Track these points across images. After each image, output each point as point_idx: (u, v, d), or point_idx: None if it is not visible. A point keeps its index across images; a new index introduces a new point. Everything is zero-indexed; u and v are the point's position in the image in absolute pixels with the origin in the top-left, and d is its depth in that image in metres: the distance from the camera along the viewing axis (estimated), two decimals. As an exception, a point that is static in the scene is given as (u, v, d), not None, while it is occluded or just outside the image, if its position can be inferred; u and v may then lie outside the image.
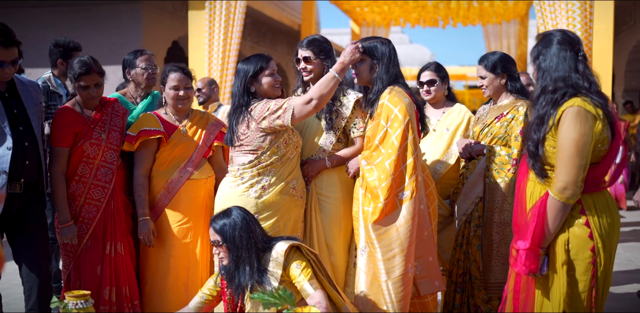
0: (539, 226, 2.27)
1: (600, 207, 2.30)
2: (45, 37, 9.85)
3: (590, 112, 2.22)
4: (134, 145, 3.22)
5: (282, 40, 14.73)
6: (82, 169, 3.17)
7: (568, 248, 2.27)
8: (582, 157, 2.20)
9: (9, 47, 2.85)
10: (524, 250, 2.28)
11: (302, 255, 2.71)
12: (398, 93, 2.95)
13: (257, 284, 2.65)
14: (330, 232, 3.13)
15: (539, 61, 2.37)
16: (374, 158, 2.94)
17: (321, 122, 3.19)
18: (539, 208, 2.28)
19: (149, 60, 3.50)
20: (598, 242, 2.25)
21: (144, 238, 3.19)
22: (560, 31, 2.39)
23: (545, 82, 2.32)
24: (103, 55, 9.72)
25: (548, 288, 2.31)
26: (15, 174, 2.93)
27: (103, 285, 3.17)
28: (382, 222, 2.88)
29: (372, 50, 3.01)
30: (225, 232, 2.68)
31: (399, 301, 2.86)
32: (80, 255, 3.18)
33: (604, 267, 2.27)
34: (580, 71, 2.30)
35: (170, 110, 3.33)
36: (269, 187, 2.99)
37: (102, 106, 3.28)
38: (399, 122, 2.90)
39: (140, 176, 3.24)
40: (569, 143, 2.21)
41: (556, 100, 2.27)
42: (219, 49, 8.13)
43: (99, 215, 3.18)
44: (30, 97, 3.08)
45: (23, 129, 2.98)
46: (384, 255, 2.87)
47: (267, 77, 3.03)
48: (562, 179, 2.22)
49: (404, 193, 2.89)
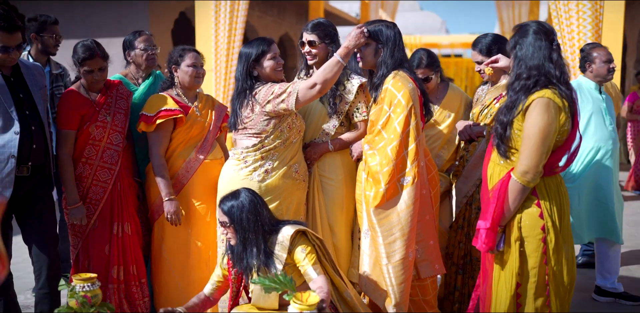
0: (499, 207, 2.46)
1: (551, 190, 2.48)
2: (52, 11, 9.82)
3: (557, 104, 2.38)
4: (152, 125, 3.23)
5: (290, 9, 14.56)
6: (89, 151, 3.23)
7: (520, 226, 2.47)
8: (545, 145, 2.38)
9: (13, 32, 2.87)
10: (484, 229, 2.49)
11: (307, 240, 2.76)
12: (402, 78, 2.96)
13: (264, 266, 2.72)
14: (333, 214, 3.18)
15: (515, 50, 2.50)
16: (377, 143, 2.97)
17: (325, 106, 3.20)
18: (499, 190, 2.47)
19: (148, 41, 3.52)
20: (548, 221, 2.45)
21: (171, 218, 3.22)
22: (536, 22, 2.52)
23: (520, 70, 2.45)
24: (109, 27, 9.73)
25: (504, 263, 2.52)
26: (23, 158, 2.98)
27: (111, 264, 3.26)
28: (383, 207, 2.92)
29: (377, 34, 3.00)
30: (232, 213, 2.73)
31: (399, 284, 2.92)
32: (88, 235, 3.26)
33: (554, 245, 2.45)
34: (553, 60, 2.44)
35: (181, 92, 3.36)
36: (272, 171, 3.03)
37: (107, 89, 3.32)
38: (401, 108, 2.91)
39: (160, 156, 3.26)
40: (534, 131, 2.37)
41: (528, 87, 2.41)
42: (225, 21, 8.08)
43: (106, 196, 3.24)
44: (35, 80, 3.11)
45: (29, 113, 3.02)
46: (385, 239, 2.92)
47: (270, 60, 3.05)
48: (524, 163, 2.40)
49: (406, 178, 2.92)
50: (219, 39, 8.11)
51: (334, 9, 14.91)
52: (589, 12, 7.06)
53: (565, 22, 7.18)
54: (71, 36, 9.82)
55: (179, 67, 3.31)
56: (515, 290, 2.50)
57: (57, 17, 11.13)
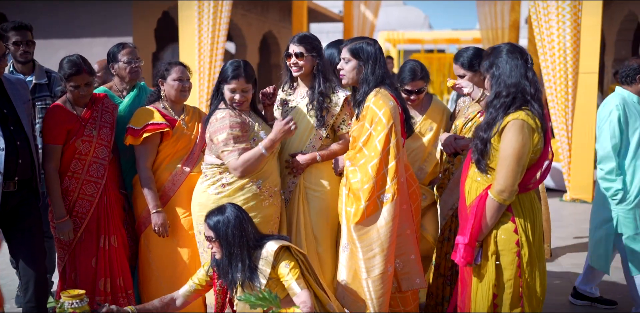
0: (477, 223, 2.58)
1: (525, 207, 2.61)
2: (36, 8, 9.74)
3: (531, 126, 2.50)
4: (139, 139, 3.27)
5: (274, 7, 14.54)
6: (75, 165, 3.26)
7: (497, 241, 2.60)
8: (519, 165, 2.50)
9: None
10: (462, 244, 2.61)
11: (291, 255, 2.81)
12: (383, 96, 3.01)
13: (248, 280, 2.78)
14: (318, 225, 3.24)
15: (492, 70, 2.62)
16: (358, 160, 3.03)
17: (311, 118, 3.25)
18: (477, 207, 2.59)
19: (132, 54, 3.54)
20: (522, 236, 2.58)
21: (159, 230, 3.28)
22: (508, 43, 2.67)
23: (500, 88, 2.57)
24: (93, 27, 9.69)
25: (481, 275, 2.64)
26: (9, 173, 3.01)
27: (98, 276, 3.30)
28: (363, 223, 2.97)
29: (358, 51, 3.05)
30: (218, 228, 2.78)
31: (378, 298, 2.99)
32: (75, 248, 3.30)
33: (528, 258, 2.58)
34: (529, 78, 2.57)
35: (168, 105, 3.40)
36: (228, 185, 3.08)
37: (92, 103, 3.34)
38: (382, 126, 2.96)
39: (147, 169, 3.31)
40: (510, 152, 2.49)
41: (507, 105, 2.53)
42: (209, 21, 8.05)
43: (92, 210, 3.28)
44: (19, 95, 3.13)
45: (14, 128, 3.04)
46: (365, 254, 2.98)
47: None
48: (501, 183, 2.52)
49: (386, 195, 2.98)
50: (203, 40, 8.09)
51: (317, 6, 14.91)
52: (568, 14, 7.17)
53: (545, 24, 7.29)
54: (55, 36, 9.79)
55: (165, 80, 3.35)
56: (492, 301, 2.63)
57: (40, 17, 10.98)
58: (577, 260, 5.05)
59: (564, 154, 7.50)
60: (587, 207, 7.27)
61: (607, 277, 4.55)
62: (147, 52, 9.78)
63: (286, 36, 15.08)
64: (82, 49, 8.12)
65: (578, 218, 6.74)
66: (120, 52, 3.54)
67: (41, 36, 9.71)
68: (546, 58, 7.41)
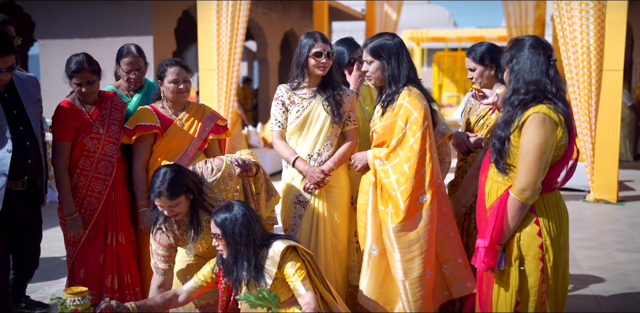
0: (498, 225, 2.42)
1: (550, 207, 2.45)
2: (56, 7, 9.88)
3: (554, 119, 2.35)
4: (131, 139, 3.32)
5: (295, 5, 14.54)
6: (83, 162, 3.28)
7: (520, 244, 2.44)
8: (542, 161, 2.35)
9: (6, 55, 2.91)
10: (483, 248, 2.46)
11: (297, 256, 2.78)
12: (417, 95, 2.98)
13: (253, 279, 2.75)
14: (335, 220, 3.25)
15: (512, 64, 2.47)
16: (391, 160, 2.97)
17: (328, 115, 3.22)
18: (498, 208, 2.43)
19: (131, 65, 3.47)
20: (546, 239, 2.42)
21: (144, 228, 3.31)
22: (533, 37, 2.49)
23: (518, 85, 2.43)
24: (112, 27, 9.78)
25: (503, 281, 2.49)
26: (19, 173, 3.04)
27: (106, 273, 3.32)
28: (403, 225, 2.93)
29: (378, 50, 2.99)
30: (225, 226, 2.75)
31: (415, 300, 2.94)
32: (83, 245, 3.32)
33: (553, 263, 2.42)
34: (550, 76, 2.42)
35: (167, 104, 3.39)
36: None
37: (101, 101, 3.36)
38: (418, 126, 2.92)
39: (139, 168, 3.34)
40: (531, 147, 2.34)
41: (526, 102, 2.39)
42: (227, 20, 8.07)
43: (100, 207, 3.30)
44: (29, 94, 3.16)
45: (23, 128, 3.08)
46: (403, 256, 2.94)
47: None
48: (522, 181, 2.36)
49: (425, 196, 2.93)
50: (221, 39, 8.12)
51: (338, 4, 14.86)
52: (592, 10, 7.04)
53: (567, 21, 7.16)
54: (78, 36, 9.91)
55: (163, 82, 3.34)
56: (515, 308, 2.47)
57: (61, 16, 11.09)
58: (598, 263, 4.93)
59: (587, 154, 7.34)
60: (611, 208, 7.12)
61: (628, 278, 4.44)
62: (167, 51, 9.85)
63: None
64: (103, 49, 8.19)
65: (600, 219, 6.60)
66: (122, 59, 3.50)
67: (65, 36, 9.89)
68: (569, 55, 7.28)
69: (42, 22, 9.94)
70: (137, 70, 3.48)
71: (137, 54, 3.49)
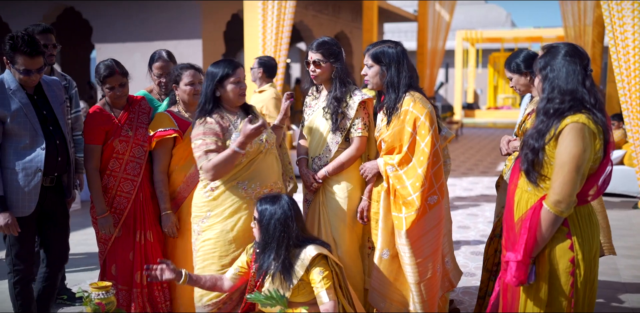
0: (531, 238, 2.32)
1: (583, 221, 2.36)
2: (111, 12, 10.26)
3: (593, 130, 2.26)
4: (152, 144, 3.42)
5: (346, 7, 14.58)
6: (113, 164, 3.43)
7: (550, 258, 2.35)
8: (579, 173, 2.25)
9: (35, 56, 3.07)
10: (514, 262, 2.35)
11: (327, 264, 2.78)
12: (421, 100, 3.02)
13: (280, 274, 2.76)
14: (336, 228, 3.24)
15: (545, 72, 2.38)
16: (404, 166, 3.01)
17: (328, 122, 3.26)
18: (531, 220, 2.33)
19: (162, 69, 3.64)
20: (578, 253, 2.33)
21: (168, 231, 3.43)
22: (569, 44, 2.38)
23: (553, 94, 2.33)
24: (162, 31, 10.07)
25: (532, 295, 2.40)
26: (49, 170, 3.22)
27: (135, 269, 3.45)
28: (416, 228, 2.97)
29: (379, 56, 3.04)
30: (263, 215, 2.79)
31: (430, 299, 3.02)
32: (114, 242, 3.47)
33: (583, 278, 2.34)
34: (587, 86, 2.31)
35: (182, 108, 3.49)
36: (216, 189, 3.08)
37: (130, 105, 3.51)
38: (426, 129, 2.96)
39: (159, 173, 3.43)
40: (568, 158, 2.24)
41: (562, 111, 2.29)
42: (272, 23, 8.18)
43: (129, 206, 3.43)
44: (56, 96, 3.32)
45: (53, 128, 3.24)
46: (417, 259, 2.98)
47: (232, 84, 3.06)
48: (558, 193, 2.26)
49: (433, 197, 2.99)
50: (267, 41, 8.24)
51: (389, 6, 14.82)
52: (646, 11, 6.78)
53: (618, 22, 6.93)
54: (130, 40, 10.26)
55: (178, 85, 3.43)
56: None
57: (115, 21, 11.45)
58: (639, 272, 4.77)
59: (638, 158, 7.07)
60: (661, 216, 6.85)
61: None
62: (216, 54, 10.07)
63: (358, 36, 15.10)
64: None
65: (648, 227, 6.36)
66: (154, 63, 3.66)
67: (119, 40, 10.25)
68: (619, 57, 7.04)
69: (98, 27, 10.34)
70: (167, 74, 3.62)
71: (168, 58, 3.66)
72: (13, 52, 3.04)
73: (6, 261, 3.26)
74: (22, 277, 3.25)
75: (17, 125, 3.11)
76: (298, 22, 12.38)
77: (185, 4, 9.72)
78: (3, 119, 3.09)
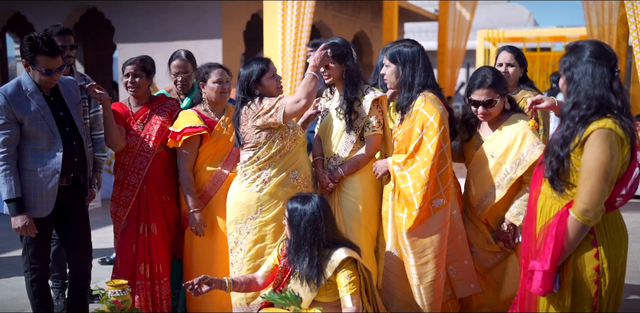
0: (558, 247, 2.23)
1: (610, 228, 2.27)
2: (133, 12, 10.35)
3: (620, 136, 2.16)
4: (179, 141, 3.43)
5: (365, 7, 14.56)
6: (124, 157, 3.54)
7: (574, 266, 2.27)
8: (607, 181, 2.16)
9: (56, 56, 3.11)
10: (540, 271, 2.26)
11: (355, 269, 2.75)
12: (433, 100, 3.00)
13: (308, 273, 2.73)
14: (350, 229, 3.22)
15: (570, 73, 2.27)
16: (409, 165, 3.01)
17: (342, 122, 3.27)
18: (557, 229, 2.24)
19: (179, 68, 3.70)
20: (604, 262, 2.24)
21: (195, 229, 3.43)
22: (596, 44, 2.27)
23: (579, 99, 2.23)
24: (182, 31, 10.14)
25: (555, 303, 2.32)
26: (66, 170, 3.24)
27: (138, 262, 3.51)
28: (416, 229, 2.96)
29: (395, 55, 3.05)
30: (293, 216, 2.78)
31: (429, 304, 3.00)
32: (120, 234, 3.55)
33: (608, 288, 2.25)
34: (614, 89, 2.21)
35: (208, 107, 3.52)
36: (269, 180, 3.13)
37: (151, 102, 3.59)
38: (434, 130, 2.95)
39: (186, 171, 3.45)
40: (595, 165, 2.15)
41: (587, 117, 2.20)
42: (292, 23, 8.19)
43: (134, 199, 3.50)
44: (72, 97, 3.35)
45: (70, 129, 3.27)
46: (417, 260, 2.98)
47: (270, 79, 3.17)
48: (585, 201, 2.18)
49: (438, 200, 2.97)
50: (286, 41, 8.24)
51: (410, 5, 14.77)
52: (671, 10, 6.66)
53: (642, 20, 6.81)
54: (150, 40, 10.35)
55: (206, 83, 3.46)
56: None
57: (136, 21, 11.49)
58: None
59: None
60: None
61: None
62: (236, 54, 10.12)
63: (378, 36, 15.06)
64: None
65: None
66: (172, 62, 3.73)
67: (140, 40, 10.34)
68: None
69: (120, 27, 10.45)
70: (184, 73, 3.67)
71: (185, 58, 3.73)
72: (33, 53, 3.07)
73: (23, 260, 3.31)
74: (38, 275, 3.29)
75: (35, 127, 3.13)
76: (318, 22, 12.38)
77: (205, 4, 9.77)
78: (21, 121, 3.12)
